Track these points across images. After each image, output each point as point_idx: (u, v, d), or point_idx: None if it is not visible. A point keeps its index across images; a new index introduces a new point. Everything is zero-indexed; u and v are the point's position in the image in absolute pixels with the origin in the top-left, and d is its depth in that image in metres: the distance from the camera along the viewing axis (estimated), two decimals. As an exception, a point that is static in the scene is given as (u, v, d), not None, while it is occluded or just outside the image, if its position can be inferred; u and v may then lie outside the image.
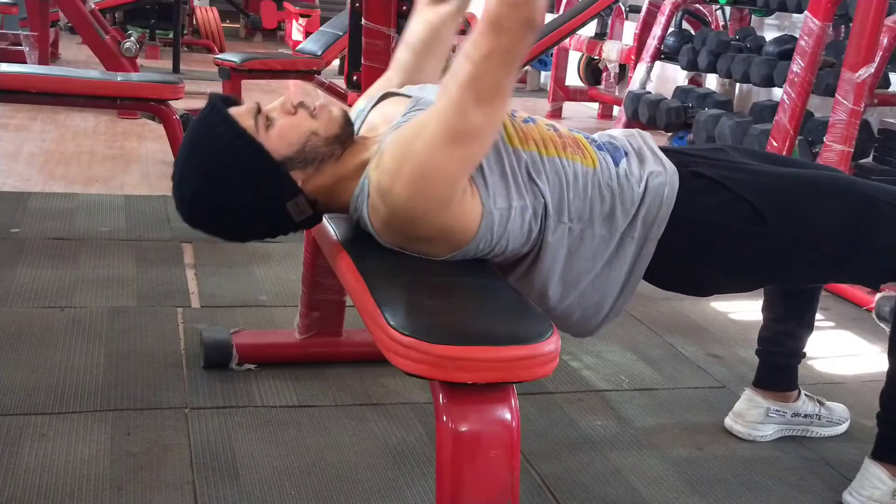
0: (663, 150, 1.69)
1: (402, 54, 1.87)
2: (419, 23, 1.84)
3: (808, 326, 2.04)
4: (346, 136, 1.56)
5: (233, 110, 1.53)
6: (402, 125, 1.48)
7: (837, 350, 2.69)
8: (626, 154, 1.63)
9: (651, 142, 1.70)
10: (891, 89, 3.93)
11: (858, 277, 1.82)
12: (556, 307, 1.58)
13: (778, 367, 2.06)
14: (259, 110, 1.53)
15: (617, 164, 1.60)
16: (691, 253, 1.63)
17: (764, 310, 2.07)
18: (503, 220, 1.47)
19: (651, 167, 1.61)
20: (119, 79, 3.35)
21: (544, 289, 1.56)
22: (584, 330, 1.66)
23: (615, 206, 1.56)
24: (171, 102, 3.26)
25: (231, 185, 1.50)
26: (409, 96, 1.64)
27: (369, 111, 1.74)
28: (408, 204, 1.42)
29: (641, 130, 1.75)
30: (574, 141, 1.61)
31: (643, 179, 1.59)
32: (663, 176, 1.60)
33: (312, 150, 1.53)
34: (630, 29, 5.85)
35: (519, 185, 1.49)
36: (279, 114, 1.54)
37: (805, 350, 2.06)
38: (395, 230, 1.47)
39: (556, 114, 6.33)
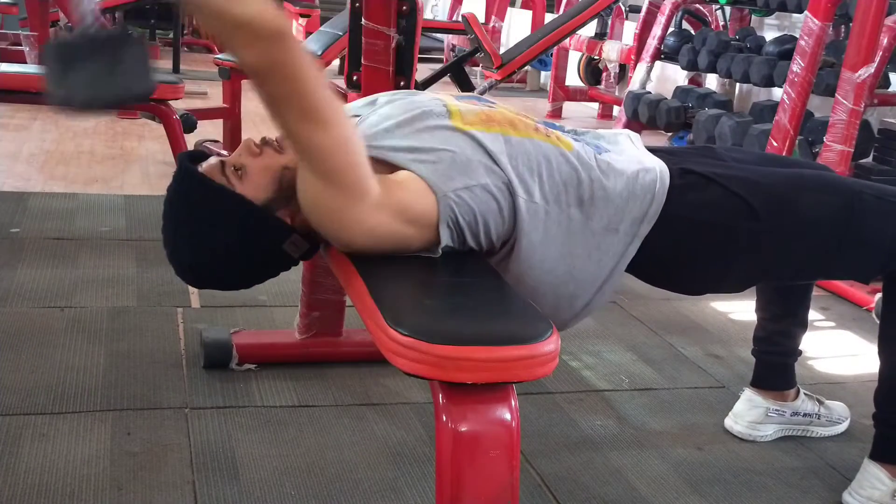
0: (650, 149, 1.69)
1: None
2: None
3: (802, 325, 2.04)
4: None
5: (202, 167, 1.53)
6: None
7: (837, 350, 2.69)
8: (610, 151, 1.63)
9: (639, 142, 1.70)
10: (891, 89, 3.93)
11: (849, 272, 1.82)
12: (528, 295, 1.54)
13: (775, 366, 2.06)
14: (223, 164, 1.52)
15: (599, 153, 1.59)
16: (683, 250, 1.62)
17: (757, 310, 2.07)
18: (460, 199, 1.45)
19: (639, 164, 1.60)
20: (119, 79, 3.34)
21: (519, 273, 1.53)
22: (556, 322, 1.63)
23: (594, 192, 1.54)
24: (171, 102, 3.26)
25: (226, 244, 1.51)
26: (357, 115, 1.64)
27: None
28: (343, 240, 1.46)
29: (630, 131, 1.75)
30: (545, 128, 1.60)
31: (631, 172, 1.58)
32: (654, 171, 1.59)
33: (290, 185, 1.50)
34: (630, 29, 5.85)
35: (475, 167, 1.47)
36: (246, 158, 1.52)
37: (801, 348, 2.06)
38: (359, 251, 1.48)
39: (556, 114, 6.33)
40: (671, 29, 5.03)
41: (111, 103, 1.34)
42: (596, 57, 6.13)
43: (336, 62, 6.00)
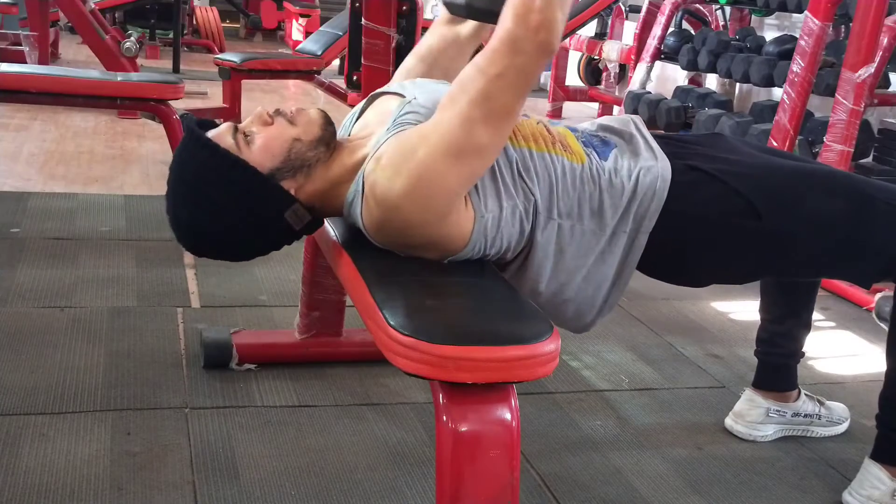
0: (658, 137, 1.69)
1: (409, 61, 1.87)
2: (433, 35, 1.85)
3: (806, 326, 2.04)
4: (328, 136, 1.55)
5: (211, 133, 1.53)
6: (404, 130, 1.46)
7: (837, 350, 2.69)
8: (616, 147, 1.63)
9: (645, 130, 1.70)
10: (891, 89, 3.93)
11: (851, 275, 1.82)
12: (549, 303, 1.58)
13: (777, 367, 2.06)
14: (236, 128, 1.53)
15: (605, 160, 1.60)
16: (684, 245, 1.63)
17: (761, 311, 2.06)
18: (495, 222, 1.47)
19: (643, 162, 1.60)
20: (119, 79, 3.34)
21: (536, 285, 1.56)
22: (580, 325, 1.65)
23: (604, 201, 1.56)
24: (171, 102, 3.26)
25: (226, 209, 1.50)
26: (401, 94, 1.63)
27: (362, 111, 1.73)
28: (402, 212, 1.41)
29: (636, 117, 1.74)
30: (562, 137, 1.61)
31: (633, 174, 1.58)
32: (655, 169, 1.60)
33: (298, 157, 1.51)
34: (630, 29, 5.85)
35: (507, 185, 1.49)
36: (258, 127, 1.53)
37: (804, 350, 2.06)
38: (387, 234, 1.47)
39: (556, 114, 6.33)
40: (671, 29, 5.03)
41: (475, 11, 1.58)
42: (596, 57, 6.13)
43: (336, 62, 6.00)
